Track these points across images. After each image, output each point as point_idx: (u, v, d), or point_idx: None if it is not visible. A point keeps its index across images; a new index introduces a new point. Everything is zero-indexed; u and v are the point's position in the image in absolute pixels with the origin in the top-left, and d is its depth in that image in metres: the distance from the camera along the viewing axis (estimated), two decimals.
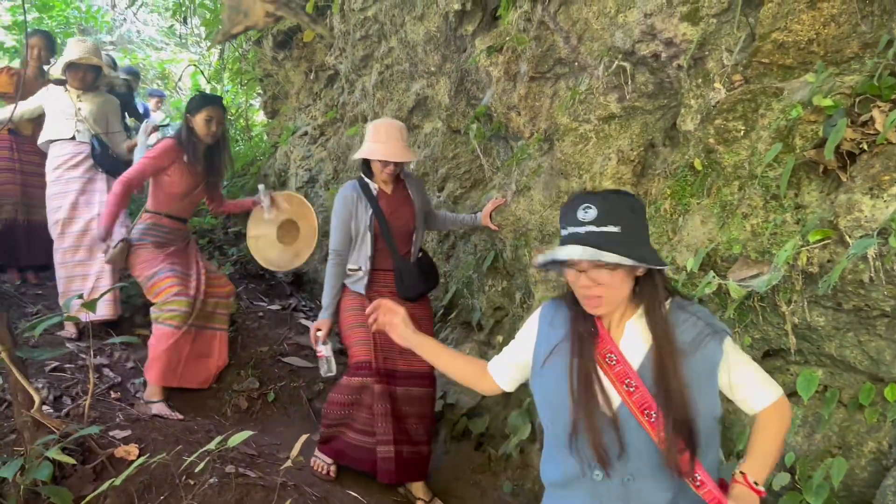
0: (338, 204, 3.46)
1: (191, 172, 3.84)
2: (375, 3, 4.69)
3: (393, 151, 3.30)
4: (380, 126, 3.37)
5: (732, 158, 2.41)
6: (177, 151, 3.79)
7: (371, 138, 3.35)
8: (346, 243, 3.44)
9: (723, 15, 2.49)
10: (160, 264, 3.79)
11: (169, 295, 3.74)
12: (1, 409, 3.18)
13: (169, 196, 3.85)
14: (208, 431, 3.44)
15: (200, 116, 3.78)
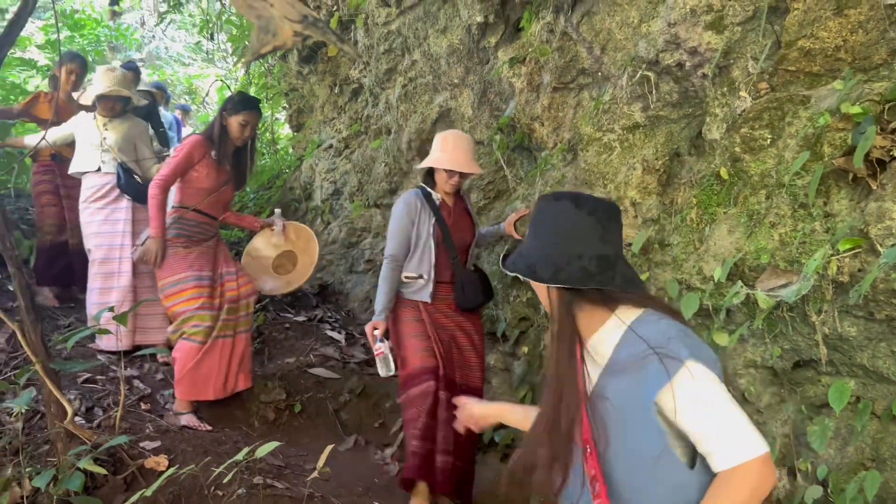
0: (399, 210, 3.40)
1: (218, 169, 3.82)
2: (399, 17, 4.73)
3: (460, 162, 3.28)
4: (447, 137, 3.35)
5: (759, 167, 2.39)
6: (205, 147, 3.77)
7: (438, 148, 3.34)
8: (403, 250, 3.38)
9: (748, 23, 2.48)
10: (186, 271, 3.74)
11: (192, 308, 3.71)
12: (35, 420, 3.24)
13: (196, 191, 3.81)
14: (236, 442, 3.47)
15: (236, 119, 3.76)
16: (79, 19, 8.89)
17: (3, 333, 4.06)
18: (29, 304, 2.86)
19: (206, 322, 3.72)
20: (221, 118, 3.79)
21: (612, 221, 1.49)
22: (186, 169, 3.75)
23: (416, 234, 3.38)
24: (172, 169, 3.72)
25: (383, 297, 3.33)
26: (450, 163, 3.27)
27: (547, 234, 1.50)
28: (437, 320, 3.41)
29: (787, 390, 2.30)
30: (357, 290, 5.76)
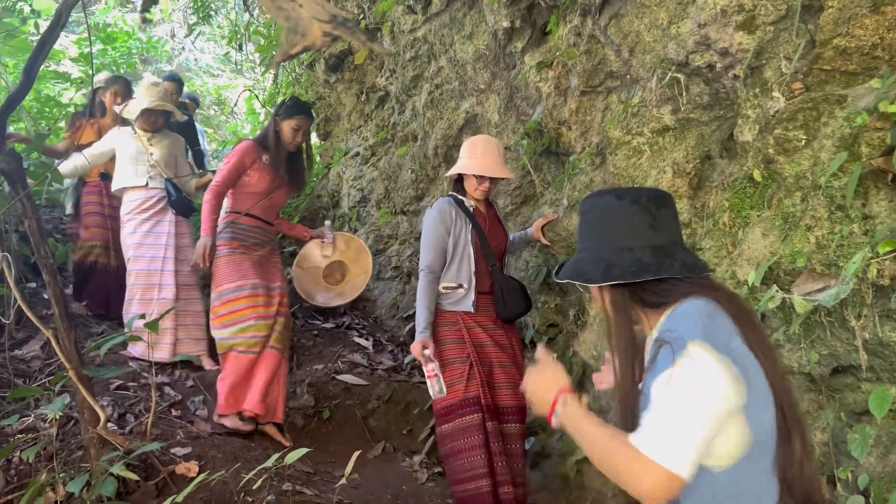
0: (433, 218, 3.28)
1: (271, 174, 3.79)
2: (425, 24, 4.74)
3: (491, 167, 3.19)
4: (477, 142, 3.27)
5: (794, 169, 2.34)
6: (256, 152, 3.75)
7: (467, 154, 3.25)
8: (440, 261, 3.26)
9: (780, 22, 2.43)
10: (241, 279, 3.68)
11: (249, 318, 3.63)
12: (69, 426, 3.29)
13: (248, 196, 3.79)
14: (265, 449, 3.49)
15: (289, 123, 3.73)
16: (111, 32, 9.06)
17: (38, 340, 4.14)
18: (63, 312, 2.90)
19: (262, 332, 3.66)
20: (274, 123, 3.77)
21: (661, 208, 1.36)
22: (239, 174, 3.74)
23: (452, 242, 3.26)
24: (225, 175, 3.71)
25: (425, 312, 3.19)
26: (480, 168, 3.18)
27: (592, 234, 1.40)
28: (475, 336, 3.25)
29: (825, 397, 2.24)
30: (384, 296, 5.76)
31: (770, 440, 1.28)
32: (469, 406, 3.13)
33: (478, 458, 3.08)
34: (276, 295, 3.80)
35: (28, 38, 6.21)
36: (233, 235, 3.75)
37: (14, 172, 2.91)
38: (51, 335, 2.79)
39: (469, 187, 3.30)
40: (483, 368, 3.19)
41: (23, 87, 2.89)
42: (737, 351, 1.24)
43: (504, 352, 3.29)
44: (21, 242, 4.57)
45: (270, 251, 3.95)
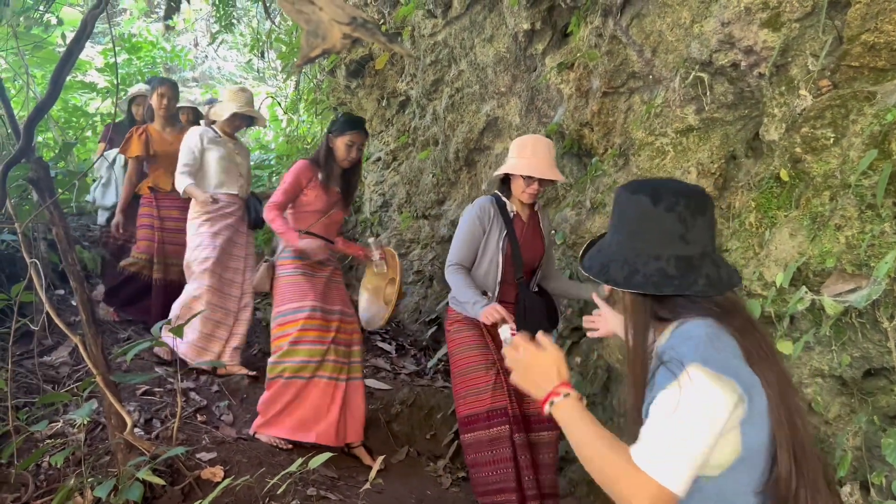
0: (471, 215, 3.16)
1: (326, 192, 3.73)
2: (445, 27, 4.74)
3: (541, 168, 3.02)
4: (526, 141, 3.11)
5: (822, 167, 2.30)
6: (312, 170, 3.71)
7: (516, 153, 3.09)
8: (470, 259, 3.16)
9: (806, 19, 2.39)
10: (300, 301, 3.61)
11: (301, 342, 3.56)
12: (97, 432, 3.32)
13: (307, 215, 3.74)
14: (290, 454, 3.49)
15: (343, 140, 3.67)
16: (136, 42, 9.19)
17: (67, 346, 4.19)
18: (90, 318, 2.94)
19: (315, 357, 3.56)
20: (327, 140, 3.73)
21: (697, 216, 1.33)
22: (296, 193, 3.70)
23: (483, 244, 3.15)
24: (282, 194, 3.67)
25: (470, 289, 3.06)
26: (529, 168, 3.01)
27: (624, 230, 1.37)
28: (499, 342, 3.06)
29: (857, 400, 2.19)
30: (407, 300, 5.76)
31: (758, 458, 1.28)
32: (496, 417, 3.02)
33: (506, 472, 2.99)
34: (333, 320, 3.69)
35: (55, 49, 6.32)
36: (295, 254, 3.69)
37: (42, 181, 2.96)
38: (78, 341, 2.82)
39: (516, 189, 3.14)
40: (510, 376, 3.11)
41: (49, 97, 2.94)
42: (740, 370, 1.25)
43: None
44: (49, 250, 4.63)
45: (333, 270, 3.87)
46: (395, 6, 5.28)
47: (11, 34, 4.81)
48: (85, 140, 7.84)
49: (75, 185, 5.33)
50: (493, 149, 4.68)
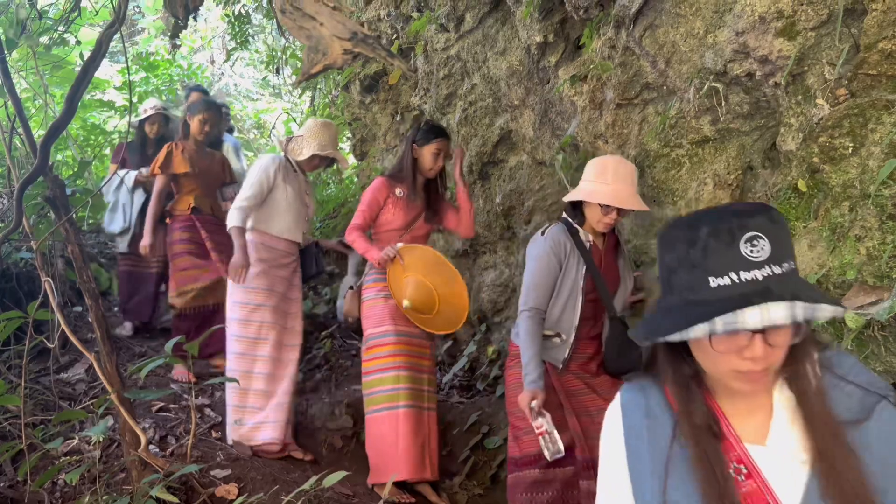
0: (543, 249, 2.82)
1: (407, 206, 3.59)
2: (457, 41, 4.74)
3: (622, 196, 2.70)
4: (608, 163, 2.79)
5: (841, 177, 2.25)
6: (388, 187, 3.59)
7: (593, 177, 2.79)
8: (547, 299, 2.81)
9: (822, 27, 2.35)
10: (384, 325, 3.47)
11: (388, 369, 3.41)
12: (112, 449, 3.33)
13: (388, 233, 3.61)
14: (304, 471, 3.48)
15: (430, 149, 3.55)
16: (153, 61, 9.30)
17: (83, 364, 4.22)
18: (105, 336, 2.95)
19: (403, 384, 3.39)
20: (411, 150, 3.59)
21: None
22: (374, 213, 3.58)
23: (560, 281, 2.81)
24: (361, 217, 3.55)
25: (535, 359, 2.71)
26: (609, 196, 2.69)
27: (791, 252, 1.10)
28: (567, 384, 2.85)
29: None
30: None
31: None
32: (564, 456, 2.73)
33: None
34: (415, 344, 3.54)
35: (73, 69, 6.41)
36: (377, 276, 3.58)
37: (58, 199, 2.98)
38: (93, 358, 2.84)
39: (591, 216, 2.82)
40: (580, 419, 2.79)
41: (65, 116, 2.97)
42: None
43: (600, 397, 2.85)
44: (66, 267, 4.67)
45: None
46: (407, 21, 5.30)
47: (31, 54, 4.88)
48: (103, 157, 7.94)
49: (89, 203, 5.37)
50: (507, 162, 4.66)
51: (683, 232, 1.08)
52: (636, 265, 3.25)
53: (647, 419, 1.19)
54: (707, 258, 1.04)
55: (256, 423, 3.64)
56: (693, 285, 1.06)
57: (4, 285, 4.33)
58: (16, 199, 2.98)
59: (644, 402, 1.20)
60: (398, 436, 3.37)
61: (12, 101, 3.10)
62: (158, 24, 11.14)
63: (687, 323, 1.02)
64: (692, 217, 1.10)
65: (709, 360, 1.10)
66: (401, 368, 3.41)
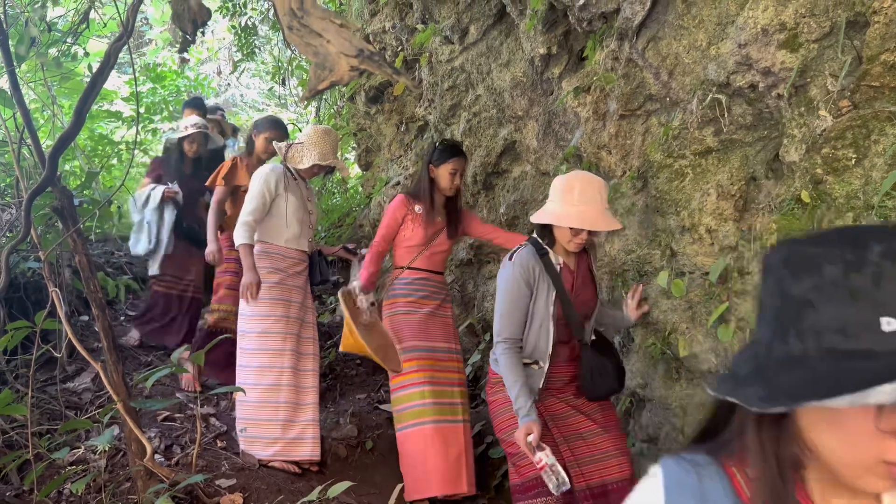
0: (512, 276, 2.69)
1: (426, 224, 3.60)
2: (462, 53, 4.78)
3: (592, 217, 2.57)
4: (573, 182, 2.64)
5: (844, 189, 2.26)
6: (407, 204, 3.62)
7: (560, 197, 2.64)
8: (522, 328, 2.69)
9: (824, 39, 2.37)
10: (407, 340, 3.45)
11: (409, 386, 3.37)
12: (118, 458, 3.34)
13: (408, 250, 3.64)
14: (309, 480, 3.48)
15: (446, 168, 3.55)
16: (160, 72, 9.38)
17: (89, 373, 4.23)
18: (111, 345, 2.96)
19: (429, 399, 3.34)
20: (428, 171, 3.60)
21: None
22: (394, 231, 3.62)
23: (532, 306, 2.70)
24: (381, 236, 3.60)
25: (522, 391, 2.57)
26: (578, 219, 2.56)
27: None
28: (551, 409, 2.75)
29: None
30: None
31: None
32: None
33: None
34: (439, 358, 3.49)
35: (82, 80, 6.46)
36: (396, 292, 3.60)
37: (66, 209, 3.01)
38: (100, 368, 2.85)
39: (561, 238, 2.71)
40: (571, 444, 2.69)
41: (74, 127, 3.00)
42: None
43: (588, 418, 2.77)
44: (74, 277, 4.70)
45: (440, 304, 3.69)
46: (412, 33, 5.33)
47: (39, 66, 4.92)
48: (110, 168, 7.99)
49: (97, 214, 5.38)
50: (510, 172, 4.68)
51: (838, 250, 0.75)
52: (639, 275, 3.26)
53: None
54: (880, 289, 0.72)
55: (293, 439, 3.59)
56: (849, 327, 0.73)
57: (12, 295, 4.36)
58: (24, 209, 3.01)
59: (697, 487, 0.90)
60: (427, 452, 3.33)
61: (21, 112, 3.13)
62: (166, 36, 11.23)
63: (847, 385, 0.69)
64: (849, 232, 0.79)
65: (846, 444, 0.77)
66: (425, 384, 3.37)
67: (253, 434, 3.58)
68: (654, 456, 3.23)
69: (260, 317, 3.64)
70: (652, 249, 3.16)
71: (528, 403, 2.56)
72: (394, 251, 3.71)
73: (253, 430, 3.58)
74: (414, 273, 3.66)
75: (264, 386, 3.59)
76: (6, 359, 3.82)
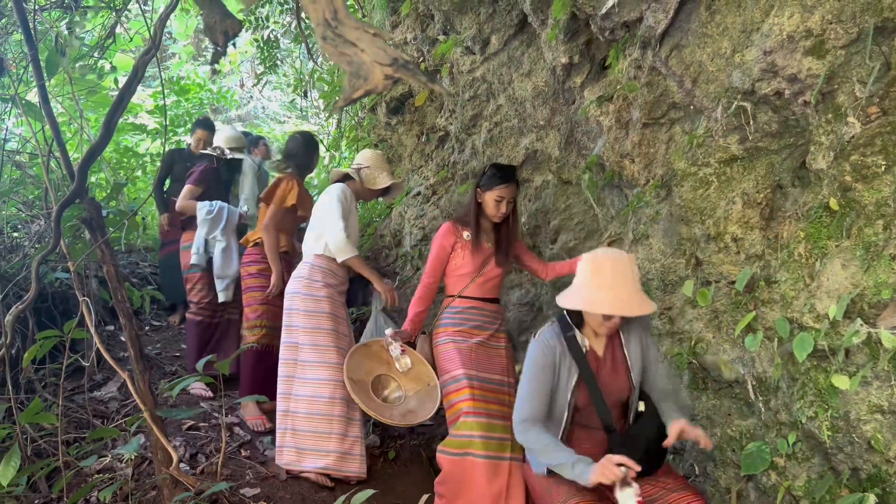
0: (533, 357, 2.55)
1: (476, 251, 3.49)
2: (483, 63, 4.79)
3: (625, 302, 2.38)
4: (603, 263, 2.45)
5: (874, 196, 2.23)
6: (455, 232, 3.52)
7: (589, 279, 2.46)
8: (542, 409, 2.50)
9: (852, 46, 2.35)
10: (456, 370, 3.33)
11: (461, 413, 3.24)
12: (144, 466, 3.37)
13: (458, 277, 3.53)
14: (332, 490, 3.48)
15: (492, 195, 3.43)
16: (184, 85, 9.51)
17: (116, 382, 4.28)
18: (138, 355, 3.00)
19: (474, 431, 3.18)
20: (475, 195, 3.51)
21: None
22: (444, 261, 3.52)
23: (555, 387, 2.53)
24: (430, 266, 3.53)
25: (557, 449, 2.36)
26: (611, 305, 2.38)
27: None
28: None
29: None
30: None
31: None
32: None
33: None
34: (490, 389, 3.36)
35: (108, 94, 6.57)
36: (447, 321, 3.50)
37: (94, 220, 3.05)
38: (127, 377, 2.88)
39: (591, 320, 2.53)
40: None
41: (102, 139, 3.05)
42: None
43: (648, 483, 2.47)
44: (100, 287, 4.76)
45: (493, 335, 3.54)
46: (434, 44, 5.37)
47: (67, 80, 5.02)
48: (135, 180, 8.10)
49: (125, 225, 5.45)
50: (532, 181, 4.68)
51: None
52: (664, 284, 3.23)
53: None
54: None
55: (343, 453, 3.57)
56: None
57: (40, 305, 4.43)
58: (54, 220, 3.06)
59: None
60: (470, 485, 3.18)
61: (50, 125, 3.19)
62: (189, 50, 11.39)
63: None
64: None
65: None
66: (478, 415, 3.21)
67: (306, 445, 3.55)
68: (680, 468, 3.19)
69: (316, 330, 3.70)
70: (677, 259, 3.14)
71: (573, 455, 2.32)
72: (445, 279, 3.59)
73: (306, 442, 3.55)
74: (465, 302, 3.52)
75: (324, 399, 3.59)
76: (35, 368, 3.88)
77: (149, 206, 7.94)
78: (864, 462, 2.27)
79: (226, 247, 4.65)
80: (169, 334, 5.71)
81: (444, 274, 3.57)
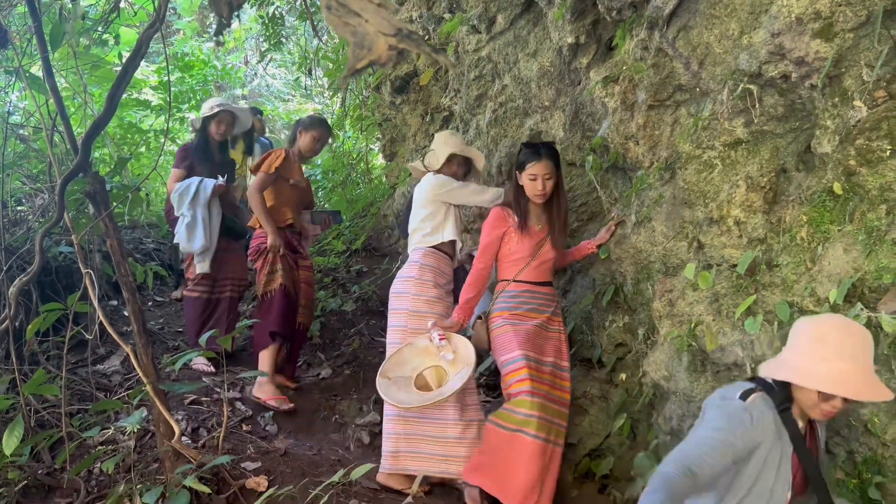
0: (739, 418, 2.02)
1: (526, 235, 3.47)
2: (489, 43, 4.76)
3: (858, 381, 1.93)
4: (842, 337, 1.97)
5: (878, 180, 2.23)
6: (506, 217, 3.50)
7: (811, 348, 2.01)
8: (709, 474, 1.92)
9: (860, 29, 2.33)
10: (514, 350, 3.30)
11: (520, 392, 3.21)
12: (146, 439, 3.40)
13: (512, 262, 3.51)
14: (332, 465, 3.52)
15: (526, 175, 3.40)
16: (188, 61, 9.46)
17: (119, 356, 4.31)
18: (141, 329, 3.01)
19: (535, 412, 3.16)
20: (515, 178, 3.49)
21: None
22: (496, 248, 3.49)
23: (746, 464, 2.03)
24: (482, 252, 3.49)
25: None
26: (848, 387, 1.92)
27: None
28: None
29: None
30: None
31: None
32: None
33: None
34: (545, 372, 3.33)
35: (112, 68, 6.54)
36: (502, 305, 3.48)
37: (98, 194, 3.05)
38: (130, 351, 2.90)
39: (804, 400, 2.06)
40: None
41: (106, 114, 3.04)
42: None
43: None
44: (104, 261, 4.77)
45: (549, 318, 3.52)
46: (439, 23, 5.33)
47: (71, 54, 4.99)
48: (139, 156, 8.09)
49: (129, 199, 5.45)
50: None
51: None
52: (665, 267, 3.23)
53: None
54: None
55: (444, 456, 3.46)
56: None
57: (44, 278, 4.45)
58: (58, 194, 3.06)
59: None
60: (521, 466, 3.15)
61: (54, 99, 3.18)
62: (194, 26, 11.32)
63: None
64: None
65: None
66: (535, 395, 3.19)
67: (403, 448, 3.46)
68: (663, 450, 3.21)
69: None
70: (679, 241, 3.14)
71: None
72: (498, 264, 3.57)
73: (402, 445, 3.47)
74: (519, 286, 3.50)
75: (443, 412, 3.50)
76: (39, 340, 3.90)
77: (152, 180, 7.95)
78: (861, 445, 2.28)
79: (190, 221, 4.56)
80: (171, 310, 5.73)
81: (497, 259, 3.54)
